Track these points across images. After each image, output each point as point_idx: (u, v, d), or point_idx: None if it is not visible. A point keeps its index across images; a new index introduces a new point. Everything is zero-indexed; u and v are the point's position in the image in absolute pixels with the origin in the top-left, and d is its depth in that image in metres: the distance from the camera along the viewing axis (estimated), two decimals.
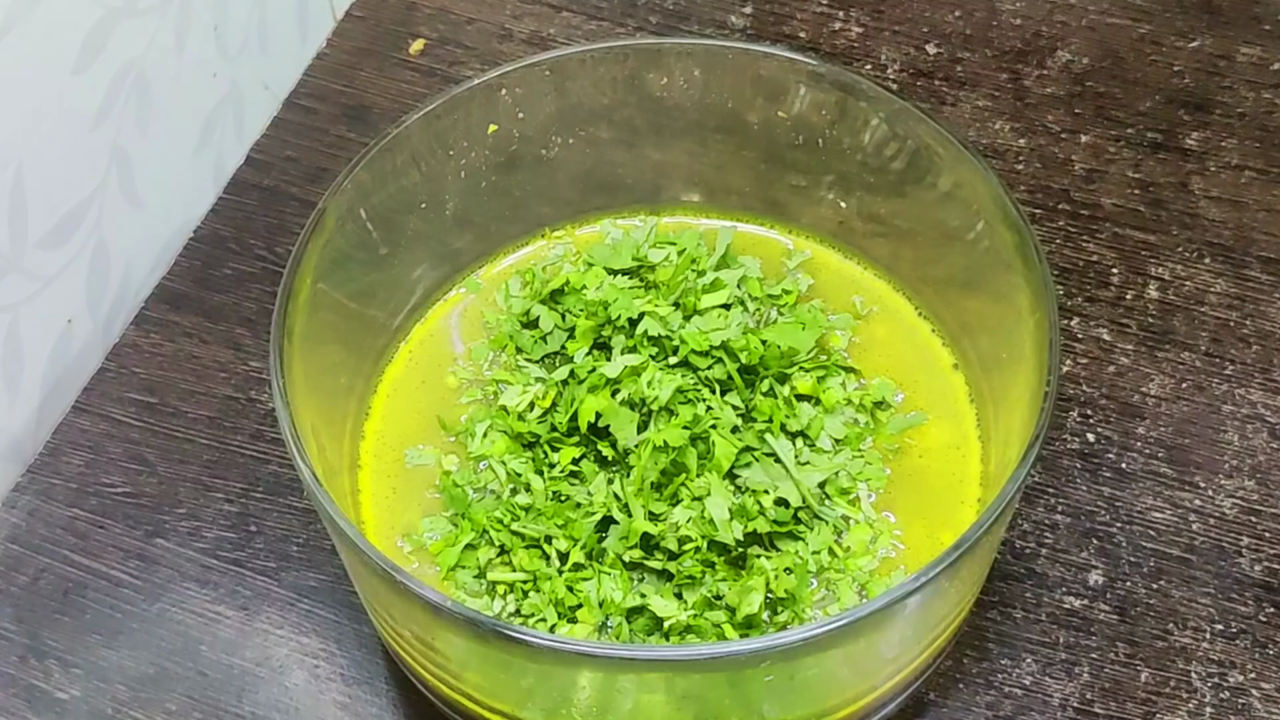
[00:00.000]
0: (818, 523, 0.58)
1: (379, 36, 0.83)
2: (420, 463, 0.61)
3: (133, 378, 0.70)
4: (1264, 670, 0.61)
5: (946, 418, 0.62)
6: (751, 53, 0.64)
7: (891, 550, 0.58)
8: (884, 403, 0.62)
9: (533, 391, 0.61)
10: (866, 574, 0.57)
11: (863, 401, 0.61)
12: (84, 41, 0.65)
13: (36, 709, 0.61)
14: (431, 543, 0.59)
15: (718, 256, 0.65)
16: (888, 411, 0.62)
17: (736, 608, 0.55)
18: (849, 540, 0.58)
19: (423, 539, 0.59)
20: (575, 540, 0.57)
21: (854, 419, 0.61)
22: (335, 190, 0.59)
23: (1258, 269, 0.72)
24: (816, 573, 0.57)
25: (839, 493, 0.59)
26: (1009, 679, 0.61)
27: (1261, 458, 0.66)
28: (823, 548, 0.57)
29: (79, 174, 0.68)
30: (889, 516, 0.59)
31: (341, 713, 0.61)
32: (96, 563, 0.65)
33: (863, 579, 0.57)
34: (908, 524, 0.59)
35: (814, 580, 0.57)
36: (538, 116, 0.65)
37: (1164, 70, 0.80)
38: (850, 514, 0.58)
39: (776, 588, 0.55)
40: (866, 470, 0.60)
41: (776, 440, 0.59)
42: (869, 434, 0.61)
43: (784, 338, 0.62)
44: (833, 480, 0.59)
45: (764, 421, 0.59)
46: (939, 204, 0.62)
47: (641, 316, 0.61)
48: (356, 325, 0.63)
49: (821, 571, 0.57)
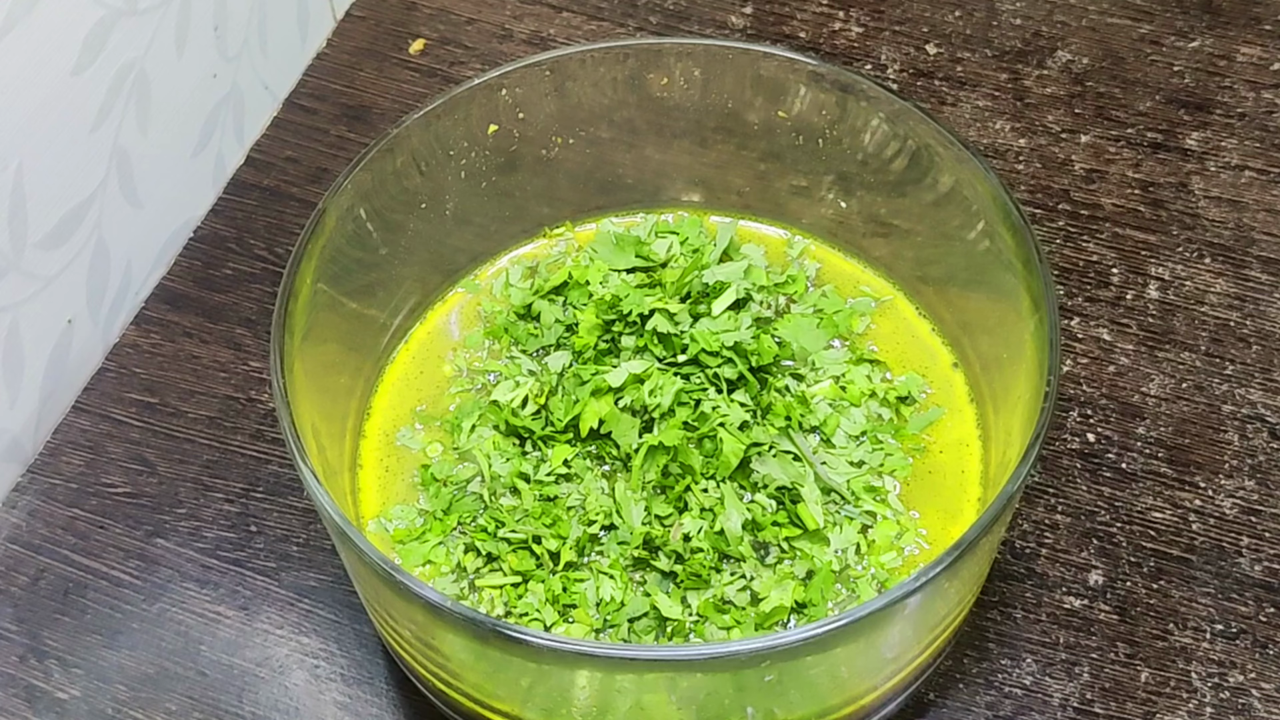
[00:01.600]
0: (843, 519, 0.58)
1: (379, 36, 0.83)
2: (405, 444, 0.61)
3: (133, 378, 0.70)
4: (1264, 670, 0.61)
5: (947, 417, 0.62)
6: (751, 53, 0.64)
7: (916, 547, 0.58)
8: (909, 398, 0.62)
9: (526, 386, 0.61)
10: (887, 572, 0.57)
11: (887, 395, 0.61)
12: (84, 41, 0.65)
13: (36, 709, 0.61)
14: (395, 529, 0.59)
15: (721, 249, 0.65)
16: (912, 407, 0.62)
17: (765, 598, 0.55)
18: (874, 535, 0.58)
19: (390, 522, 0.59)
20: (564, 539, 0.57)
21: (878, 414, 0.61)
22: (335, 190, 0.59)
23: (1258, 269, 0.72)
24: (840, 571, 0.57)
25: (865, 489, 0.59)
26: (1009, 679, 0.61)
27: (1261, 458, 0.66)
28: (848, 546, 0.57)
29: (79, 174, 0.68)
30: (915, 514, 0.59)
31: (341, 713, 0.61)
32: (97, 563, 0.65)
33: (881, 577, 0.57)
34: (929, 521, 0.59)
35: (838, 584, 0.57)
36: (538, 116, 0.65)
37: (1164, 70, 0.80)
38: (878, 510, 0.58)
39: (798, 595, 0.55)
40: (889, 463, 0.60)
41: (798, 436, 0.59)
42: (891, 430, 0.61)
43: (799, 334, 0.62)
44: (856, 478, 0.59)
45: (781, 420, 0.59)
46: (939, 204, 0.62)
47: (652, 313, 0.61)
48: (356, 325, 0.63)
49: (845, 569, 0.57)
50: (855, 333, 0.64)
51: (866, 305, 0.65)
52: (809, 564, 0.56)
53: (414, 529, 0.59)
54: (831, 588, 0.56)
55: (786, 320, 0.63)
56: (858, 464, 0.59)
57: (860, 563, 0.57)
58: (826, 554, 0.57)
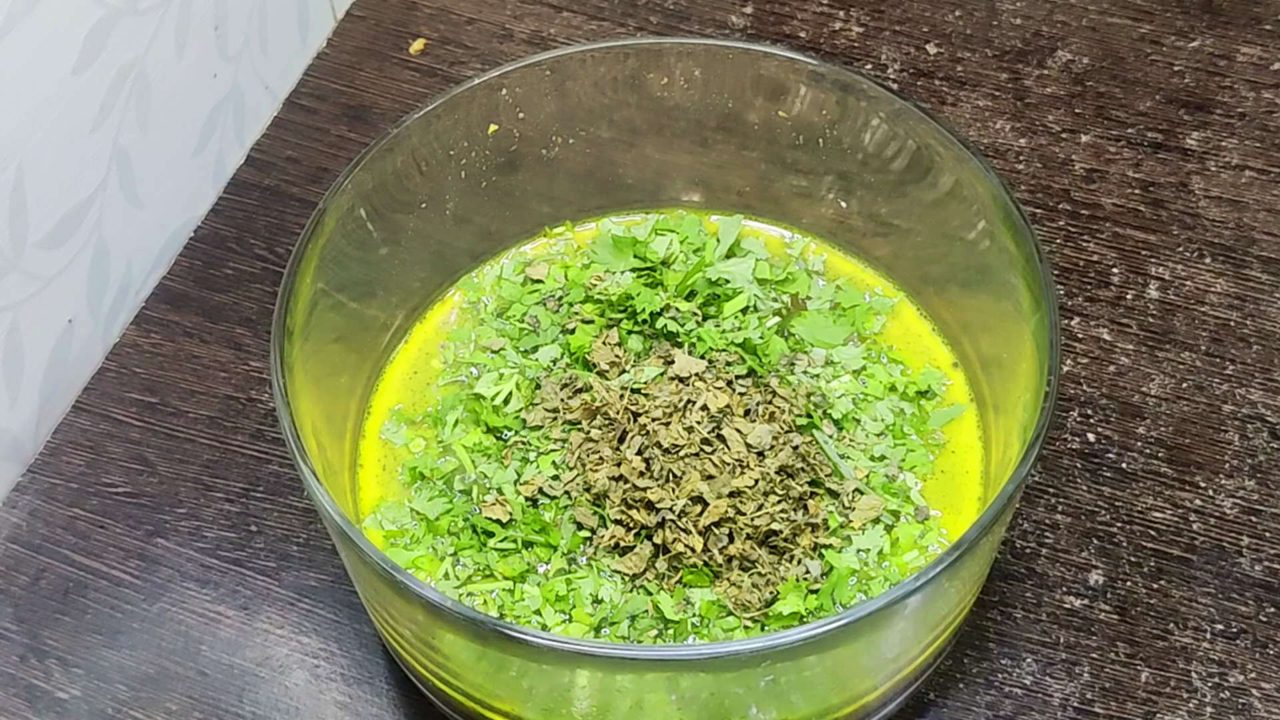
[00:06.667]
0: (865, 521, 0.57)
1: (379, 36, 0.83)
2: (388, 438, 0.61)
3: (133, 378, 0.70)
4: (1264, 670, 0.61)
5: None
6: (752, 53, 0.64)
7: (938, 546, 0.58)
8: (929, 392, 0.62)
9: (511, 380, 0.61)
10: (911, 572, 0.57)
11: (906, 390, 0.61)
12: (84, 41, 0.65)
13: (37, 709, 0.61)
14: (387, 529, 0.58)
15: (725, 246, 0.65)
16: (933, 401, 0.61)
17: (783, 597, 0.55)
18: (897, 533, 0.58)
19: (377, 522, 0.59)
20: (554, 548, 0.57)
21: (900, 408, 0.61)
22: (335, 190, 0.59)
23: (1258, 269, 0.72)
24: (859, 569, 0.57)
25: (883, 487, 0.59)
26: (1009, 679, 0.61)
27: (1261, 458, 0.66)
28: (872, 548, 0.57)
29: (79, 174, 0.68)
30: (936, 513, 0.59)
31: (341, 713, 0.61)
32: (97, 563, 0.65)
33: (894, 579, 0.57)
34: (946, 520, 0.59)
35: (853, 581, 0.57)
36: (538, 116, 0.65)
37: (1164, 70, 0.80)
38: (902, 509, 0.58)
39: (810, 603, 0.55)
40: (910, 459, 0.60)
41: (820, 430, 0.59)
42: (912, 425, 0.61)
43: (816, 330, 0.62)
44: (875, 474, 0.59)
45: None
46: (939, 204, 0.62)
47: (662, 311, 0.62)
48: (356, 325, 0.63)
49: (864, 567, 0.57)
50: (873, 331, 0.64)
51: (884, 304, 0.64)
52: (828, 565, 0.56)
53: (405, 530, 0.59)
54: (845, 588, 0.56)
55: (802, 316, 0.63)
56: (879, 458, 0.59)
57: (883, 564, 0.57)
58: (849, 555, 0.57)
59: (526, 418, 0.60)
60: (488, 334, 0.64)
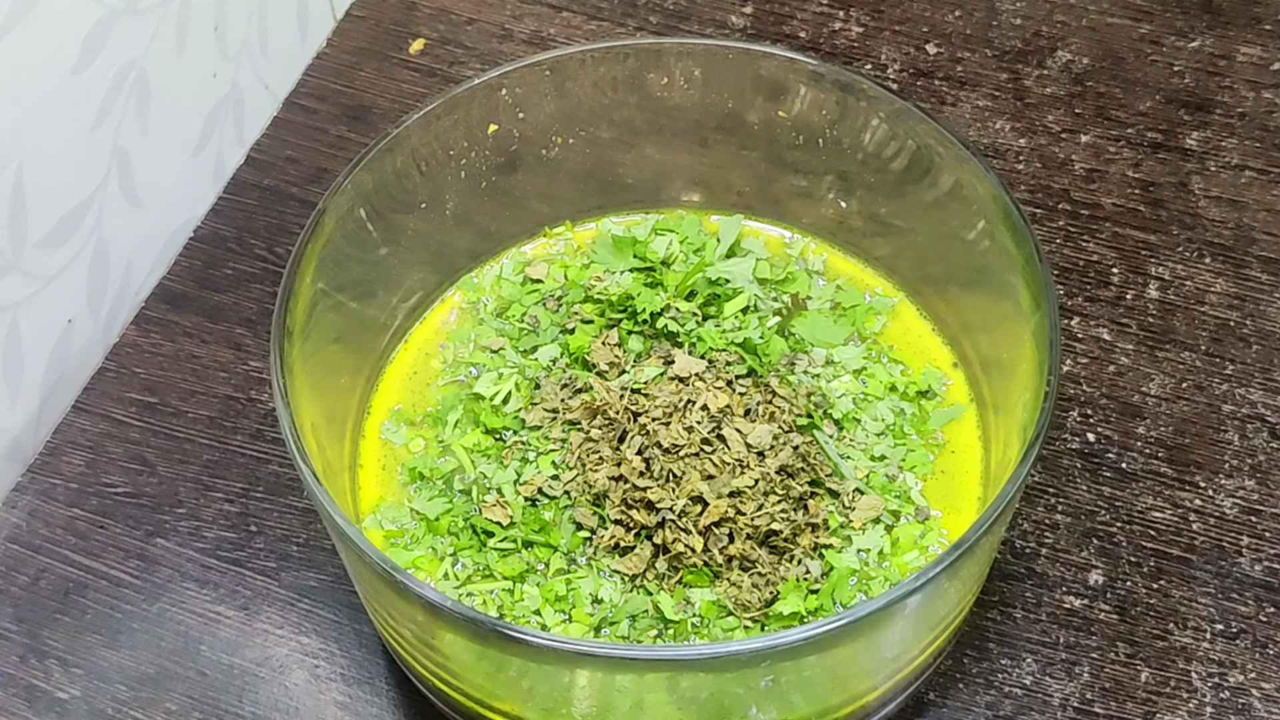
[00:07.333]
0: (866, 520, 0.57)
1: (379, 36, 0.83)
2: (388, 438, 0.61)
3: (133, 378, 0.70)
4: (1264, 670, 0.61)
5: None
6: (751, 53, 0.64)
7: (938, 547, 0.58)
8: (929, 392, 0.62)
9: (510, 380, 0.61)
10: (912, 572, 0.56)
11: (907, 390, 0.61)
12: (84, 41, 0.65)
13: (37, 709, 0.61)
14: (387, 529, 0.58)
15: (725, 246, 0.65)
16: (933, 401, 0.61)
17: (783, 597, 0.55)
18: (898, 534, 0.58)
19: (377, 522, 0.59)
20: (554, 548, 0.57)
21: (900, 408, 0.61)
22: (335, 190, 0.59)
23: (1258, 269, 0.72)
24: (859, 569, 0.57)
25: (883, 487, 0.59)
26: (1009, 679, 0.61)
27: (1261, 458, 0.66)
28: (872, 548, 0.57)
29: (79, 174, 0.68)
30: (937, 514, 0.59)
31: (341, 713, 0.61)
32: (97, 563, 0.65)
33: (894, 579, 0.57)
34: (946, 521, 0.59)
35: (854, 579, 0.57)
36: (538, 116, 0.65)
37: (1164, 70, 0.80)
38: (902, 509, 0.58)
39: (810, 603, 0.55)
40: (910, 459, 0.60)
41: (820, 430, 0.59)
42: (912, 425, 0.61)
43: (816, 329, 0.62)
44: (875, 474, 0.59)
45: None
46: (939, 204, 0.62)
47: (662, 311, 0.62)
48: (356, 325, 0.63)
49: (864, 567, 0.57)
50: (873, 331, 0.64)
51: (884, 304, 0.64)
52: (828, 565, 0.56)
53: (405, 530, 0.59)
54: (845, 588, 0.56)
55: (803, 316, 0.63)
56: (879, 458, 0.59)
57: (883, 563, 0.57)
58: (849, 555, 0.57)
59: (526, 418, 0.60)
60: (487, 334, 0.64)
